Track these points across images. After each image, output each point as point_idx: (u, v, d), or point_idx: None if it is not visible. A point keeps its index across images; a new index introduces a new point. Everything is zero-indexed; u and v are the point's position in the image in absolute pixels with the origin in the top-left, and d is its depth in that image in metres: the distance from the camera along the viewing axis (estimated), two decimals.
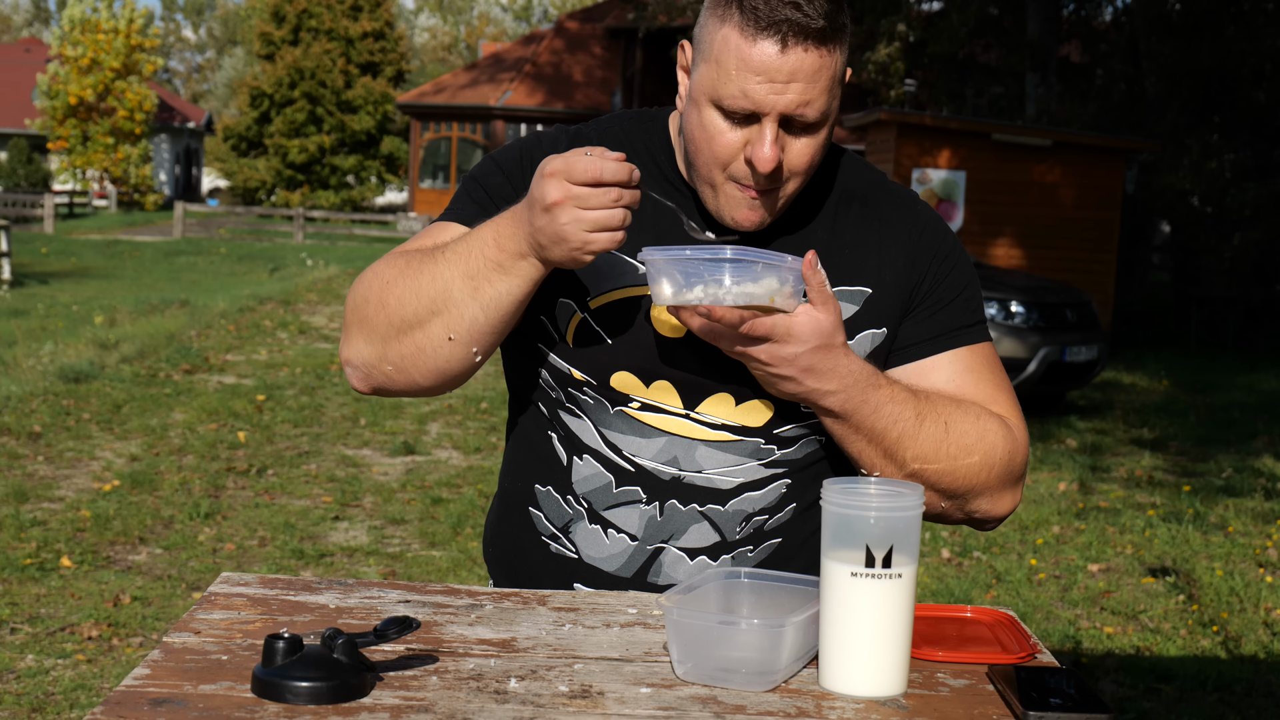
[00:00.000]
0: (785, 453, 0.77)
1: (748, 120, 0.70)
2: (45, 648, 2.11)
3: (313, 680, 0.57)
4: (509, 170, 0.78)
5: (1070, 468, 4.04)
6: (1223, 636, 2.42)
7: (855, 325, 0.77)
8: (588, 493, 0.77)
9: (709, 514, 0.77)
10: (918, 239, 0.79)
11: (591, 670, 0.63)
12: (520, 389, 0.81)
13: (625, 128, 0.80)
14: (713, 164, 0.72)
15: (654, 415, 0.76)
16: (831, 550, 0.61)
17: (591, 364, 0.76)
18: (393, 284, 0.72)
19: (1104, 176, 6.93)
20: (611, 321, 0.75)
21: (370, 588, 0.75)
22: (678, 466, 0.76)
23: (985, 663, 0.66)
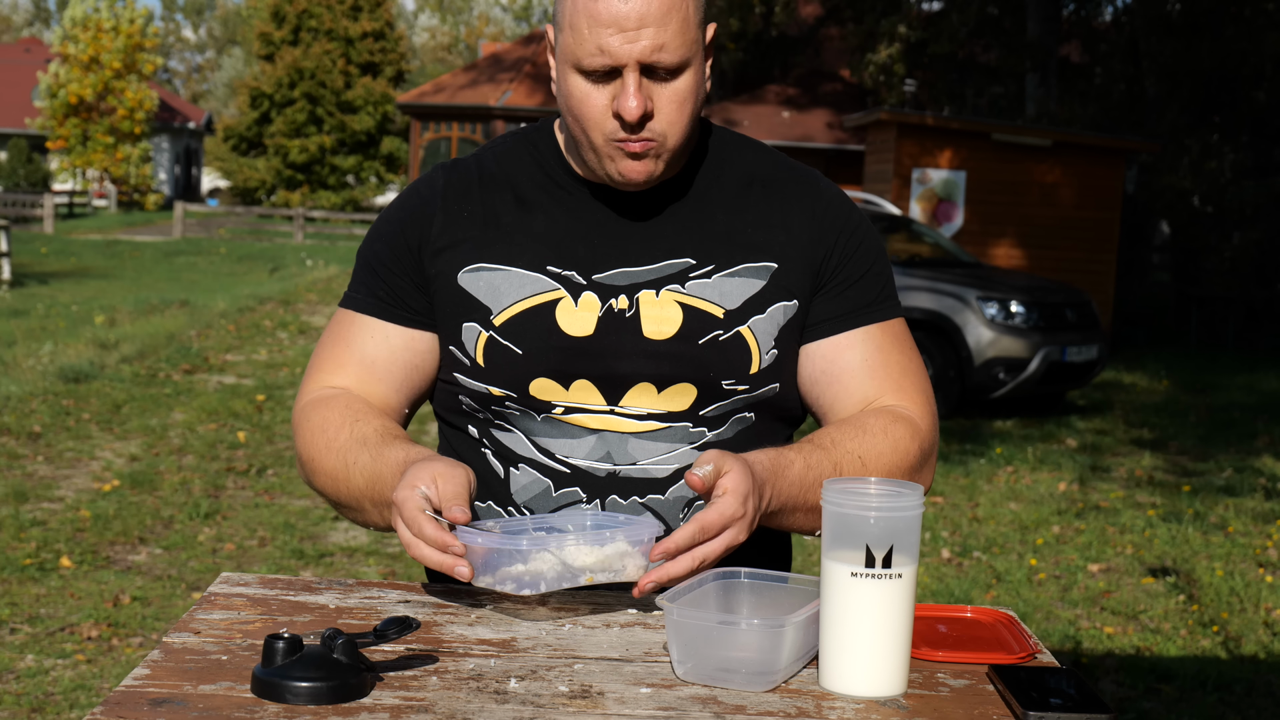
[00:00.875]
0: (716, 433, 0.78)
1: (610, 76, 0.71)
2: (45, 648, 2.11)
3: (313, 680, 0.57)
4: (392, 241, 0.79)
5: (1070, 468, 4.04)
6: (1223, 636, 2.42)
7: (765, 299, 0.77)
8: (528, 501, 0.78)
9: (650, 504, 0.77)
10: (822, 214, 0.80)
11: (591, 670, 0.63)
12: (446, 416, 0.82)
13: (507, 148, 0.81)
14: (590, 128, 0.73)
15: (580, 415, 0.76)
16: (831, 550, 0.61)
17: (507, 378, 0.76)
18: (318, 470, 0.78)
19: (1104, 176, 6.93)
20: (518, 333, 0.76)
21: (370, 588, 0.75)
22: (611, 462, 0.76)
23: (985, 663, 0.66)
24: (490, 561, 0.66)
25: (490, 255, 0.77)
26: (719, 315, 0.77)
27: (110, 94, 19.50)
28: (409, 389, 0.80)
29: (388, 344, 0.79)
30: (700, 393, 0.77)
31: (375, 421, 0.77)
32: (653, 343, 0.76)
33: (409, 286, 0.79)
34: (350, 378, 0.80)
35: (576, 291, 0.77)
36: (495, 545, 0.66)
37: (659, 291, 0.76)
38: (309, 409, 0.79)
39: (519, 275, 0.77)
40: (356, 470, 0.75)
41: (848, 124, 8.57)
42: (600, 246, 0.77)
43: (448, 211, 0.79)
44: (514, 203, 0.79)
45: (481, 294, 0.77)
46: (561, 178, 0.79)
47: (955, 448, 4.33)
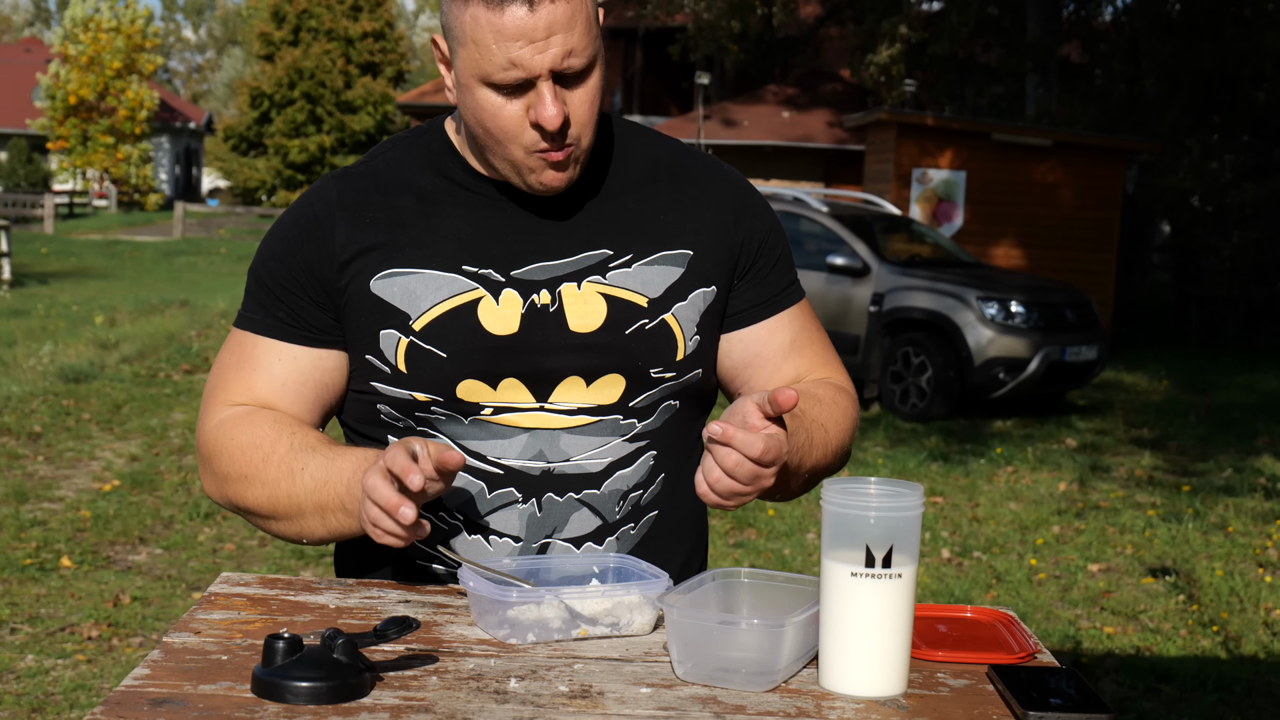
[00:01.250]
0: (645, 424, 0.78)
1: (522, 88, 0.71)
2: (45, 648, 2.10)
3: (313, 680, 0.57)
4: (286, 260, 0.77)
5: (1070, 468, 4.04)
6: (1223, 636, 2.42)
7: (685, 286, 0.78)
8: (459, 506, 0.77)
9: (586, 500, 0.77)
10: (734, 200, 0.80)
11: (591, 670, 0.63)
12: (360, 429, 0.80)
13: (399, 152, 0.79)
14: (505, 141, 0.72)
15: (509, 415, 0.75)
16: (831, 550, 0.61)
17: (431, 383, 0.75)
18: (254, 483, 0.75)
19: (1104, 176, 6.93)
20: (440, 336, 0.75)
21: (370, 588, 0.75)
22: (545, 460, 0.76)
23: (985, 663, 0.66)
24: (495, 607, 0.66)
25: (402, 260, 0.75)
26: (643, 304, 0.76)
27: (110, 94, 19.48)
28: (321, 408, 0.79)
29: (295, 365, 0.77)
30: (629, 383, 0.76)
31: (314, 433, 0.75)
32: (579, 335, 0.75)
33: (308, 305, 0.77)
34: (260, 401, 0.78)
35: (496, 289, 0.75)
36: (497, 595, 0.65)
37: (580, 284, 0.76)
38: (229, 427, 0.76)
39: (435, 277, 0.75)
40: (304, 475, 0.73)
41: (848, 124, 8.57)
42: (515, 243, 0.76)
43: (349, 221, 0.76)
44: (415, 205, 0.77)
45: (398, 300, 0.75)
46: (461, 177, 0.77)
47: (955, 448, 4.33)
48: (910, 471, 3.91)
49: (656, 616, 0.68)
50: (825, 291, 5.04)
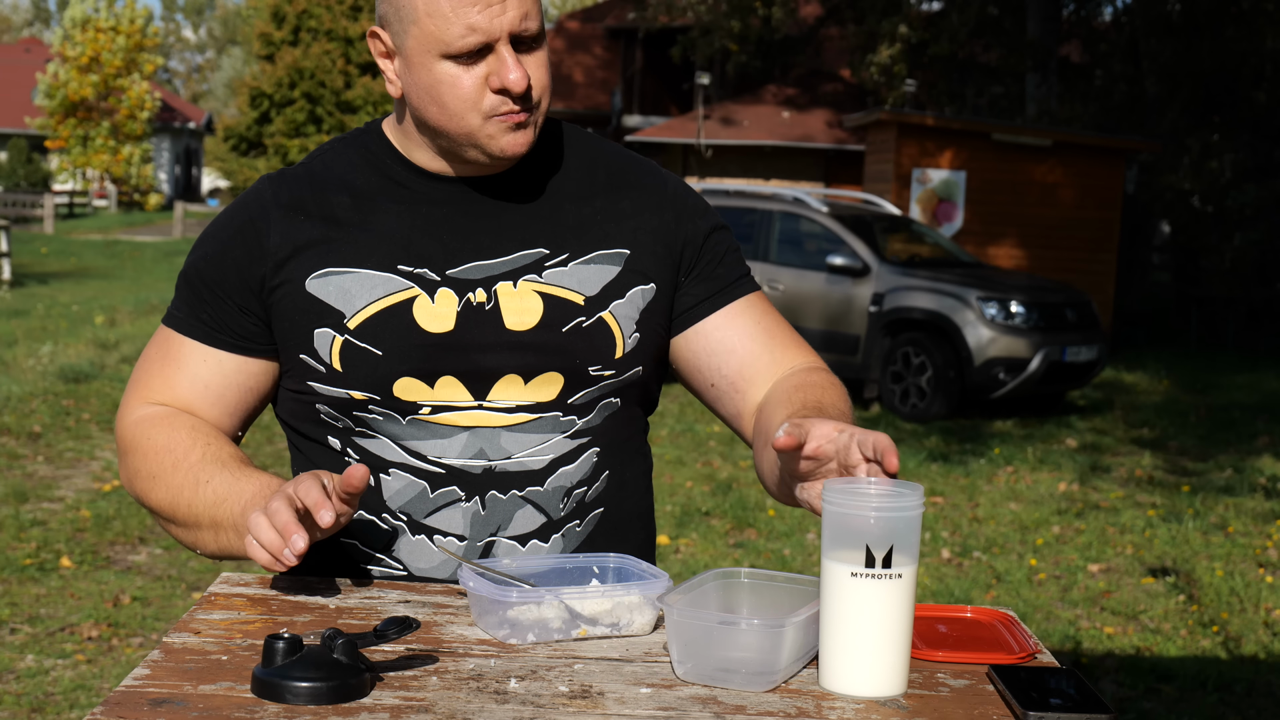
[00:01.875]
0: (586, 421, 0.77)
1: (480, 55, 0.71)
2: (45, 648, 2.10)
3: (313, 680, 0.57)
4: (218, 262, 0.78)
5: (1070, 468, 4.03)
6: (1223, 636, 2.42)
7: (622, 284, 0.78)
8: (403, 505, 0.76)
9: (530, 497, 0.77)
10: (672, 199, 0.81)
11: (591, 670, 0.62)
12: (300, 429, 0.80)
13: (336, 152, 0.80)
14: (465, 111, 0.72)
15: (448, 414, 0.75)
16: (831, 550, 0.61)
17: (367, 381, 0.75)
18: (159, 485, 0.76)
19: (1104, 176, 6.93)
20: (375, 334, 0.75)
21: (370, 588, 0.74)
22: (486, 458, 0.75)
23: (985, 663, 0.66)
24: (494, 607, 0.66)
25: (336, 259, 0.76)
26: (580, 302, 0.76)
27: (111, 94, 19.48)
28: (243, 412, 0.79)
29: (220, 369, 0.78)
30: (567, 381, 0.76)
31: (229, 447, 0.76)
32: (515, 334, 0.75)
33: (232, 311, 0.77)
34: (182, 401, 0.78)
35: (431, 288, 0.75)
36: (497, 595, 0.65)
37: (516, 282, 0.76)
38: (148, 426, 0.77)
39: (369, 276, 0.75)
40: (208, 489, 0.73)
41: (848, 124, 8.56)
42: (450, 241, 0.76)
43: (284, 220, 0.77)
44: (351, 204, 0.77)
45: (332, 298, 0.75)
46: (400, 174, 0.78)
47: (955, 448, 4.32)
48: (910, 471, 3.91)
49: (656, 616, 0.68)
50: (825, 291, 5.03)
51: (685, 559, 2.86)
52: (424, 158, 0.78)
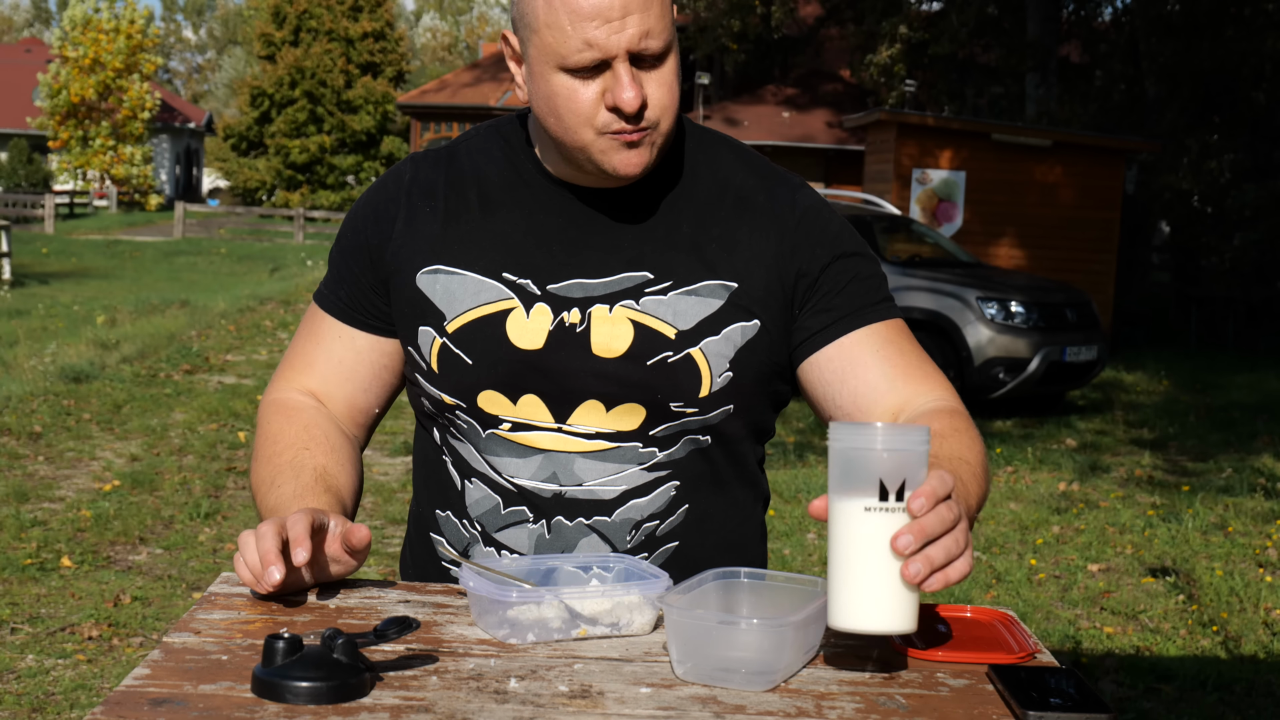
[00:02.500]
0: (667, 454, 0.76)
1: (597, 70, 0.70)
2: (45, 648, 2.11)
3: (313, 680, 0.57)
4: (354, 240, 0.79)
5: (1070, 468, 4.03)
6: (1223, 636, 2.42)
7: (722, 319, 0.75)
8: (480, 516, 0.78)
9: (596, 526, 0.76)
10: (796, 227, 0.77)
11: (591, 670, 0.63)
12: (420, 416, 0.82)
13: (481, 142, 0.80)
14: (579, 126, 0.71)
15: (526, 434, 0.76)
16: (841, 490, 0.60)
17: (457, 387, 0.76)
18: (256, 469, 0.79)
19: (1104, 176, 6.93)
20: (470, 342, 0.75)
21: (370, 588, 0.74)
22: (557, 483, 0.76)
23: (985, 662, 0.66)
24: (493, 605, 0.66)
25: (448, 257, 0.76)
26: (670, 335, 0.75)
27: (112, 94, 19.42)
28: (379, 388, 0.81)
29: (353, 346, 0.80)
30: (649, 413, 0.75)
31: (321, 459, 0.76)
32: (601, 361, 0.74)
33: (367, 290, 0.78)
34: (318, 378, 0.80)
35: (530, 302, 0.75)
36: (497, 595, 0.65)
37: (612, 307, 0.75)
38: (274, 411, 0.80)
39: (475, 281, 0.76)
40: (273, 493, 0.75)
41: (848, 124, 8.57)
42: (559, 255, 0.76)
43: (411, 207, 0.78)
44: (477, 202, 0.78)
45: (438, 298, 0.76)
46: (531, 175, 0.78)
47: None
48: None
49: (656, 616, 0.68)
50: None
51: None
52: (551, 158, 0.78)
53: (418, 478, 0.84)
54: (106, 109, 19.46)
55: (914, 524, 0.58)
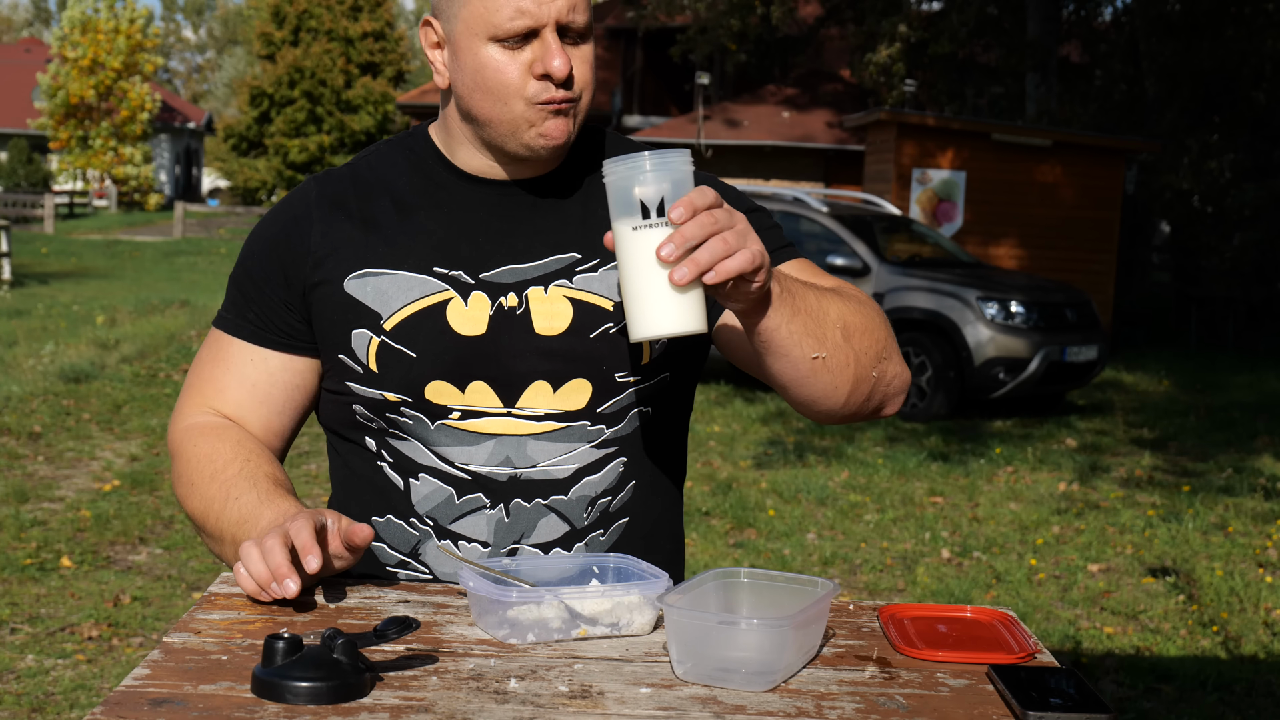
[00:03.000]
0: (615, 430, 0.78)
1: (526, 40, 0.73)
2: (45, 648, 2.10)
3: (312, 680, 0.57)
4: (263, 260, 0.79)
5: (1070, 468, 4.03)
6: (1223, 636, 2.42)
7: None
8: (430, 511, 0.78)
9: (554, 505, 0.77)
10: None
11: (591, 670, 0.63)
12: (339, 430, 0.81)
13: (382, 155, 0.81)
14: (510, 96, 0.73)
15: (476, 421, 0.76)
16: (615, 218, 0.65)
17: (401, 382, 0.76)
18: (196, 495, 0.78)
19: (1104, 176, 6.92)
20: (410, 336, 0.76)
21: (370, 588, 0.75)
22: (512, 466, 0.76)
23: (985, 663, 0.66)
24: (493, 606, 0.66)
25: (375, 260, 0.77)
26: (609, 308, 0.77)
27: (112, 95, 19.41)
28: (293, 410, 0.80)
29: (266, 367, 0.79)
30: (595, 389, 0.77)
31: (267, 465, 0.77)
32: (545, 339, 0.76)
33: (279, 308, 0.78)
34: (230, 403, 0.79)
35: (465, 291, 0.76)
36: (497, 595, 0.65)
37: (547, 288, 0.77)
38: (196, 434, 0.79)
39: (406, 278, 0.76)
40: (234, 506, 0.74)
41: (848, 124, 8.57)
42: (485, 245, 0.77)
43: (325, 220, 0.78)
44: (392, 207, 0.78)
45: (370, 299, 0.77)
46: (442, 176, 0.79)
47: (955, 448, 4.32)
48: (910, 471, 3.90)
49: (656, 616, 0.68)
50: None
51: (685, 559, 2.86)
52: (466, 156, 0.79)
53: (339, 497, 0.82)
54: (106, 109, 19.47)
55: (674, 233, 0.63)
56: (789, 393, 0.75)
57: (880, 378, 0.76)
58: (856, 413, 0.77)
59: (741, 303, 0.67)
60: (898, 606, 0.73)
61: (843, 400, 0.75)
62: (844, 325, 0.73)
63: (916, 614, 0.72)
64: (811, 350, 0.72)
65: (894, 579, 2.77)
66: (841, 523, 3.22)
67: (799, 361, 0.72)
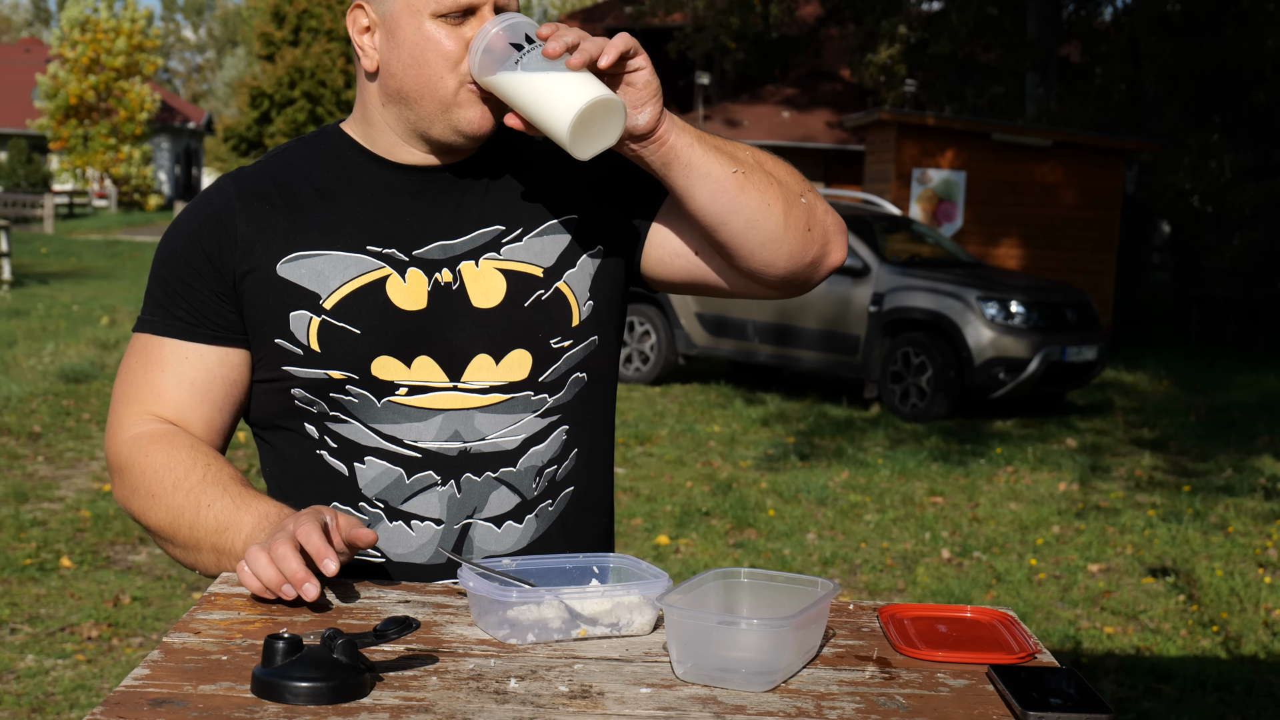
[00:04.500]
0: (556, 398, 0.79)
1: (464, 17, 0.75)
2: (45, 648, 2.10)
3: (312, 680, 0.57)
4: (187, 255, 0.78)
5: (1070, 468, 4.03)
6: (1223, 636, 2.42)
7: (573, 253, 0.79)
8: (379, 493, 0.77)
9: (504, 478, 0.78)
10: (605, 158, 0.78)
11: (591, 670, 0.62)
12: (271, 421, 0.79)
13: (295, 151, 0.81)
14: (445, 71, 0.74)
15: (423, 396, 0.76)
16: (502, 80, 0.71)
17: (346, 359, 0.76)
18: (158, 506, 0.76)
19: (1104, 176, 6.92)
20: (352, 313, 0.76)
21: (370, 588, 0.74)
22: (461, 440, 0.77)
23: (985, 663, 0.66)
24: (493, 606, 0.66)
25: (305, 243, 0.76)
26: (539, 274, 0.78)
27: (111, 95, 19.40)
28: (232, 404, 0.79)
29: (203, 363, 0.77)
30: (535, 358, 0.78)
31: (228, 468, 0.76)
32: (482, 311, 0.77)
33: (209, 299, 0.77)
34: (171, 405, 0.77)
35: (402, 268, 0.77)
36: (497, 595, 0.65)
37: (478, 261, 0.77)
38: (145, 444, 0.76)
39: (341, 258, 0.76)
40: (209, 513, 0.73)
41: (848, 124, 8.56)
42: (414, 223, 0.77)
43: (248, 210, 0.77)
44: (315, 194, 0.78)
45: (306, 281, 0.76)
46: (363, 163, 0.79)
47: (955, 448, 4.32)
48: (911, 471, 3.90)
49: (656, 616, 0.68)
50: (825, 292, 5.03)
51: (685, 559, 2.85)
52: (385, 144, 0.79)
53: (277, 489, 0.80)
54: (106, 109, 19.43)
55: (551, 35, 0.70)
56: (727, 226, 0.74)
57: (811, 207, 0.77)
58: (803, 246, 0.76)
59: (644, 100, 0.70)
60: (898, 606, 0.73)
61: (781, 220, 0.75)
62: (753, 154, 0.77)
63: (916, 614, 0.72)
64: (730, 165, 0.74)
65: (894, 579, 2.77)
66: (842, 523, 3.21)
67: (722, 179, 0.73)
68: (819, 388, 5.44)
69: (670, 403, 4.98)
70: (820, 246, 0.78)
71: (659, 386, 5.37)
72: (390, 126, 0.78)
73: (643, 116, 0.71)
